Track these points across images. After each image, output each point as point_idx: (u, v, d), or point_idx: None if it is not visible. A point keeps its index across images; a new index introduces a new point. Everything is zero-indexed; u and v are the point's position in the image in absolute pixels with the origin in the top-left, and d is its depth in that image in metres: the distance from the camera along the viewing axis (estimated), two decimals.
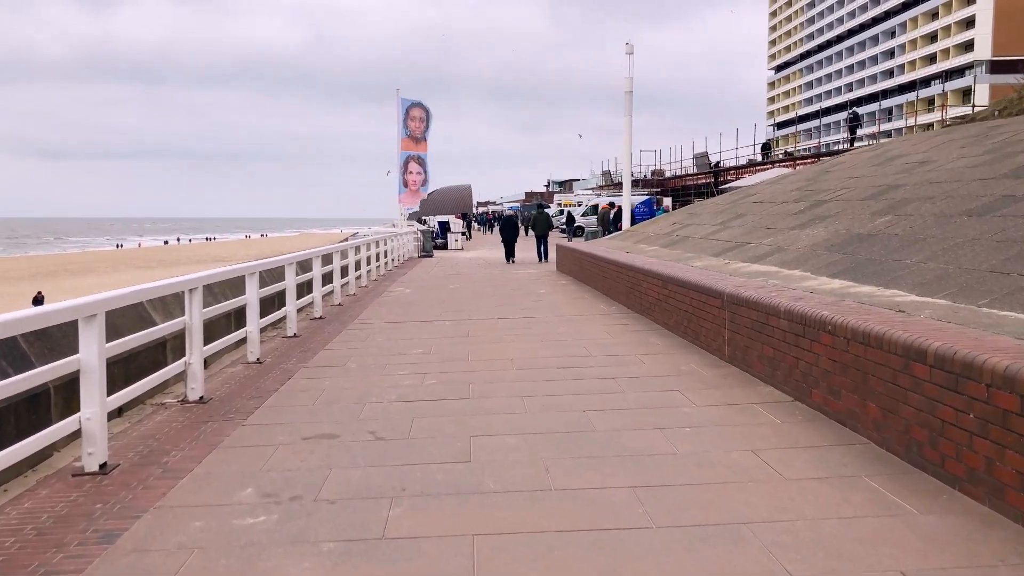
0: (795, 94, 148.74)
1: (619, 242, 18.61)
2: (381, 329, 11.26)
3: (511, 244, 28.91)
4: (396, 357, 8.97)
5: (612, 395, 6.82)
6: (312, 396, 7.10)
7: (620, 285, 13.24)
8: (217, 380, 7.94)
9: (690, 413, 6.15)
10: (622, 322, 11.25)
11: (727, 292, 7.96)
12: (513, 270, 23.01)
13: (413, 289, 17.40)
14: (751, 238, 12.18)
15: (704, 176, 55.47)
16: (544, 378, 7.59)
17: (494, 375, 7.79)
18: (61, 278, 70.64)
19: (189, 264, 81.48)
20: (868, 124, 55.98)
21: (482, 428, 5.88)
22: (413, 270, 24.02)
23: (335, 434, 5.83)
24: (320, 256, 13.01)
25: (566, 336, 10.16)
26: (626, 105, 21.13)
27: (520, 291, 16.32)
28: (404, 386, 7.41)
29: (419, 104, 32.63)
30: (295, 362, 8.86)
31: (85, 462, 5.07)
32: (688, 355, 8.56)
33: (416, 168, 32.75)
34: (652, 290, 11.04)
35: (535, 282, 18.35)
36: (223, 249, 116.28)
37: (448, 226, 42.29)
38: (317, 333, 11.04)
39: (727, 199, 18.35)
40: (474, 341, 9.95)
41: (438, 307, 13.80)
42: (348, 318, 12.58)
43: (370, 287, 18.15)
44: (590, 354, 8.84)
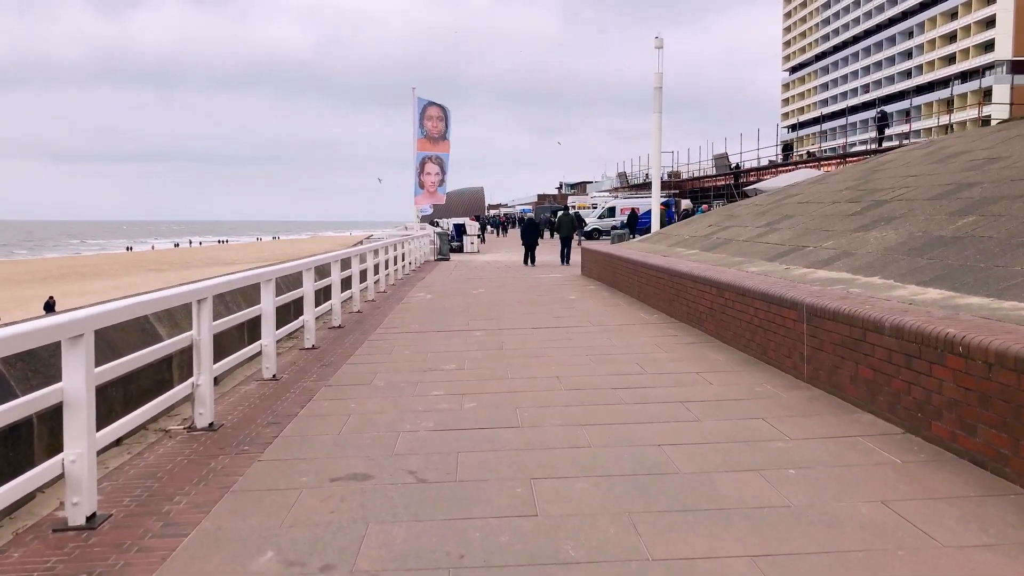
0: (810, 95, 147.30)
1: (651, 245, 17.65)
2: (406, 340, 10.35)
3: (532, 247, 28.14)
4: (427, 373, 8.05)
5: (686, 424, 5.88)
6: (337, 423, 6.18)
7: (662, 292, 12.29)
8: (229, 401, 7.04)
9: (787, 449, 5.19)
10: (669, 333, 10.30)
11: (807, 303, 7.00)
12: (535, 274, 22.09)
13: (435, 295, 16.49)
14: (807, 241, 11.21)
15: (724, 177, 54.40)
16: (600, 401, 6.65)
17: (541, 397, 6.85)
18: (72, 281, 70.30)
19: (200, 267, 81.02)
20: (897, 123, 54.78)
21: (542, 467, 4.94)
22: (431, 274, 23.13)
23: (368, 474, 4.91)
24: (339, 260, 12.12)
25: (612, 349, 9.21)
26: (655, 101, 20.17)
27: (548, 297, 15.38)
28: (441, 410, 6.49)
29: (436, 104, 31.72)
30: (315, 379, 7.95)
31: (69, 514, 4.16)
32: (758, 373, 7.60)
33: (434, 169, 31.82)
34: (704, 298, 10.09)
35: (562, 287, 17.41)
36: (235, 252, 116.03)
37: (464, 228, 41.43)
38: (337, 344, 10.14)
39: (766, 200, 17.37)
40: (511, 355, 9.02)
41: (464, 315, 12.88)
42: (369, 327, 11.67)
43: (389, 292, 17.26)
44: (645, 371, 7.89)
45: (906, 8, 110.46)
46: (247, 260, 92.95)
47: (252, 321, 8.27)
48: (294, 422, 6.24)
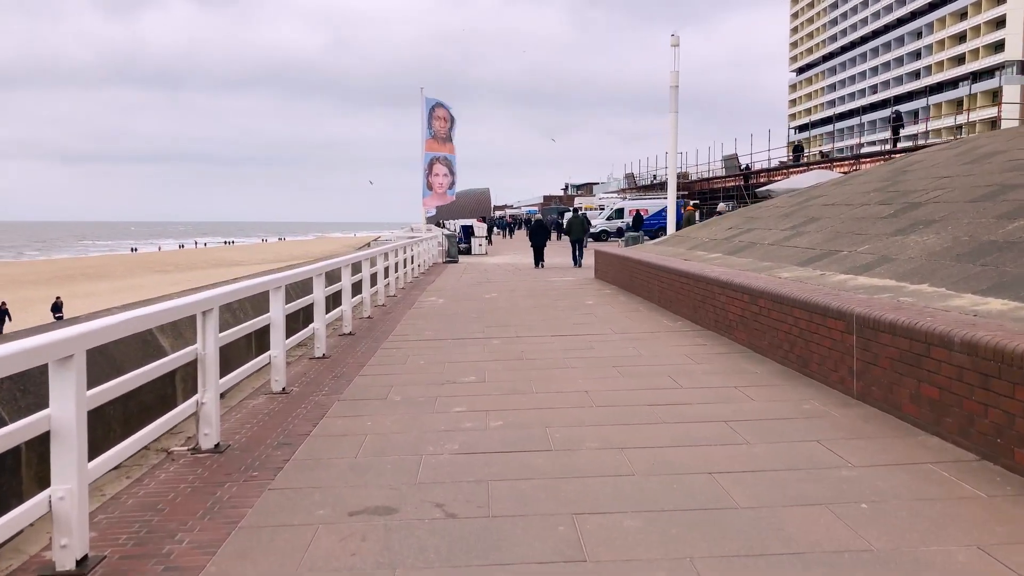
0: (817, 96, 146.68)
1: (668, 248, 17.16)
2: (420, 349, 9.87)
3: (541, 248, 27.76)
4: (446, 387, 7.56)
5: (735, 448, 5.38)
6: (353, 444, 5.70)
7: (686, 297, 11.78)
8: (236, 418, 6.56)
9: (853, 479, 4.69)
10: (698, 342, 9.80)
11: (857, 313, 6.50)
12: (547, 276, 21.59)
13: (446, 299, 16.01)
14: (840, 245, 10.70)
15: (733, 179, 53.82)
16: (636, 420, 6.16)
17: (572, 415, 6.36)
18: (78, 282, 70.13)
19: (206, 268, 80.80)
20: (906, 124, 54.15)
21: (584, 500, 4.46)
22: (440, 277, 22.66)
23: (391, 507, 4.43)
24: (349, 265, 11.64)
25: (640, 360, 8.72)
26: (671, 100, 19.67)
27: (564, 301, 14.89)
28: (465, 430, 6.00)
29: (443, 105, 31.24)
30: (327, 392, 7.47)
31: (57, 557, 3.68)
32: (801, 388, 7.10)
33: (443, 170, 31.30)
34: (734, 306, 9.59)
35: (577, 291, 16.92)
36: (240, 253, 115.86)
37: (472, 230, 40.96)
38: (349, 353, 9.66)
39: (788, 202, 16.85)
40: (533, 366, 8.53)
41: (478, 321, 12.40)
42: (381, 334, 11.20)
43: (399, 296, 16.79)
44: (679, 385, 7.39)
45: (915, 8, 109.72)
46: (252, 261, 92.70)
47: (260, 330, 7.80)
48: (307, 443, 5.75)
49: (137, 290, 55.49)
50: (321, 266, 9.65)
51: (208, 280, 60.43)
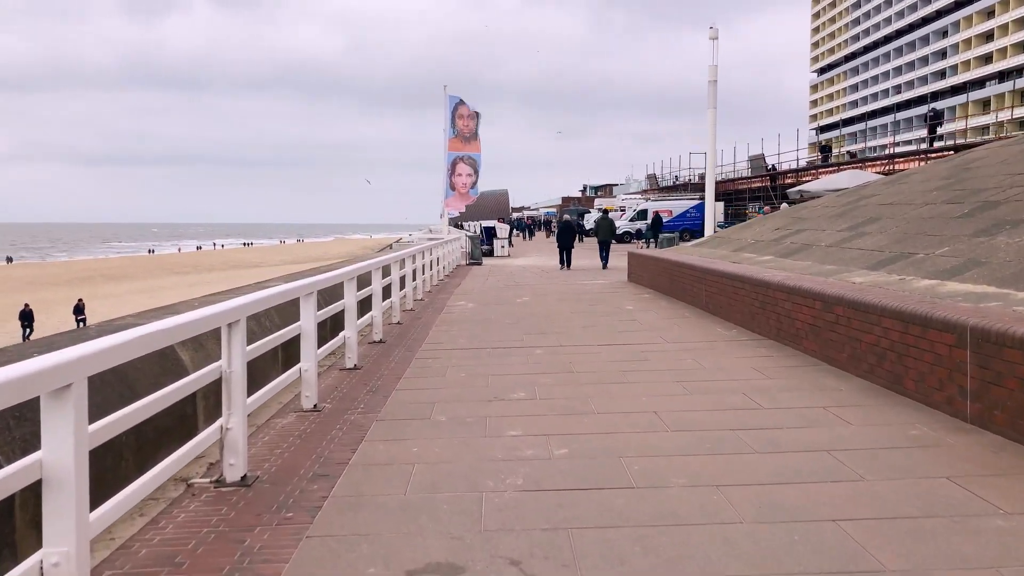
0: (839, 97, 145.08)
1: (709, 250, 16.32)
2: (458, 359, 9.11)
3: (567, 250, 27.16)
4: (494, 405, 6.79)
5: (851, 486, 4.57)
6: (400, 476, 4.93)
7: (739, 303, 10.95)
8: (264, 441, 5.82)
9: (1015, 530, 3.88)
10: (761, 353, 8.97)
11: (972, 324, 5.67)
12: (577, 279, 20.79)
13: (476, 303, 15.25)
14: (912, 247, 9.84)
15: (759, 179, 52.79)
16: (722, 449, 5.36)
17: (646, 442, 5.57)
18: (98, 284, 70.15)
19: (225, 269, 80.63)
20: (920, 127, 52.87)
21: (690, 558, 3.66)
22: (467, 280, 21.91)
23: (456, 563, 3.66)
24: (379, 268, 10.90)
25: (703, 374, 7.91)
26: (710, 96, 18.82)
27: (602, 306, 14.09)
28: (526, 459, 5.22)
29: (466, 104, 30.52)
30: (363, 410, 6.72)
31: None
32: (899, 410, 6.27)
33: (466, 170, 30.57)
34: (803, 313, 8.76)
35: (613, 295, 16.11)
36: (259, 255, 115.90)
37: (494, 232, 40.24)
38: (382, 363, 8.92)
39: (835, 202, 15.97)
40: (586, 380, 7.74)
41: (515, 327, 11.62)
42: (413, 342, 10.45)
43: (426, 301, 16.05)
44: (758, 404, 6.58)
45: (940, 7, 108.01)
46: (271, 263, 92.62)
47: (287, 339, 7.06)
48: (346, 474, 5.00)
49: (155, 291, 55.23)
50: (352, 269, 8.91)
51: (227, 282, 60.14)
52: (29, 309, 33.78)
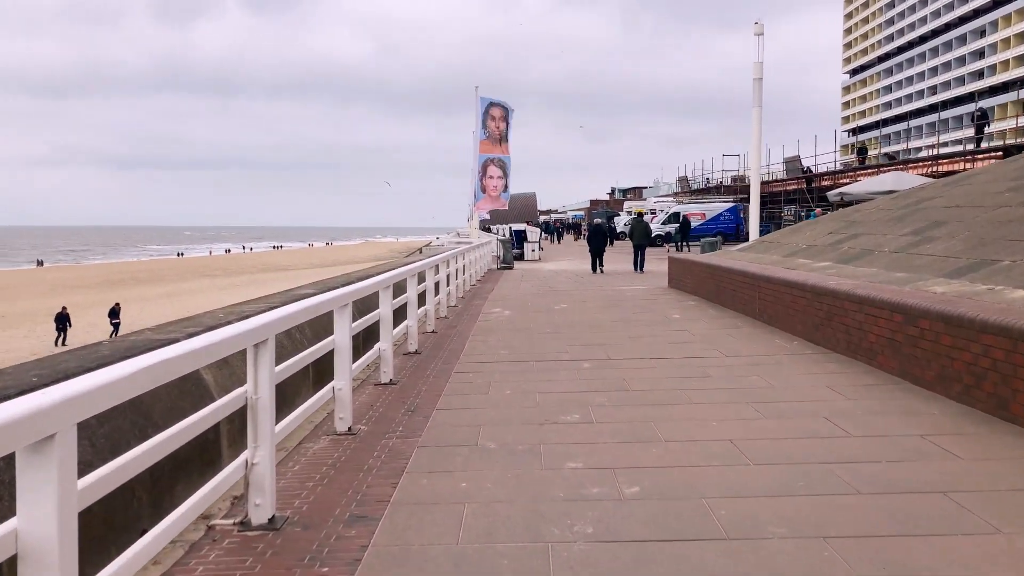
0: (872, 98, 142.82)
1: (756, 255, 15.53)
2: (501, 373, 8.46)
3: (599, 253, 26.58)
4: (547, 429, 6.13)
5: (988, 541, 3.84)
6: (450, 519, 4.29)
7: (800, 313, 10.20)
8: (293, 471, 5.21)
9: None
10: (831, 369, 8.22)
11: None
12: (614, 284, 20.08)
13: (512, 310, 14.60)
14: (995, 254, 9.03)
15: (795, 182, 51.63)
16: (821, 488, 4.64)
17: (729, 479, 4.87)
18: (129, 286, 70.59)
19: (254, 272, 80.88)
20: (954, 128, 51.42)
21: None
22: (499, 284, 21.28)
23: None
24: (416, 274, 10.29)
25: (774, 394, 7.18)
26: (755, 94, 18.03)
27: (647, 315, 13.38)
28: (593, 499, 4.55)
29: (499, 104, 29.89)
30: (403, 433, 6.09)
31: None
32: (1012, 439, 5.51)
33: (496, 172, 29.96)
34: (879, 326, 7.99)
35: (655, 302, 15.38)
36: (288, 258, 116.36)
37: (524, 235, 39.59)
38: (419, 378, 8.29)
39: (891, 204, 15.12)
40: (644, 400, 7.05)
41: (557, 338, 10.95)
42: (450, 353, 9.82)
43: (460, 307, 15.43)
44: (845, 431, 5.85)
45: (977, 6, 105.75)
46: (300, 266, 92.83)
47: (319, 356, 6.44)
48: (388, 516, 4.36)
49: (185, 294, 55.29)
50: (387, 277, 8.29)
51: (256, 285, 60.01)
52: (65, 312, 33.64)
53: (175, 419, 4.78)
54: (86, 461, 3.94)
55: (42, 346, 33.63)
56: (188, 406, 5.09)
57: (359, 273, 14.74)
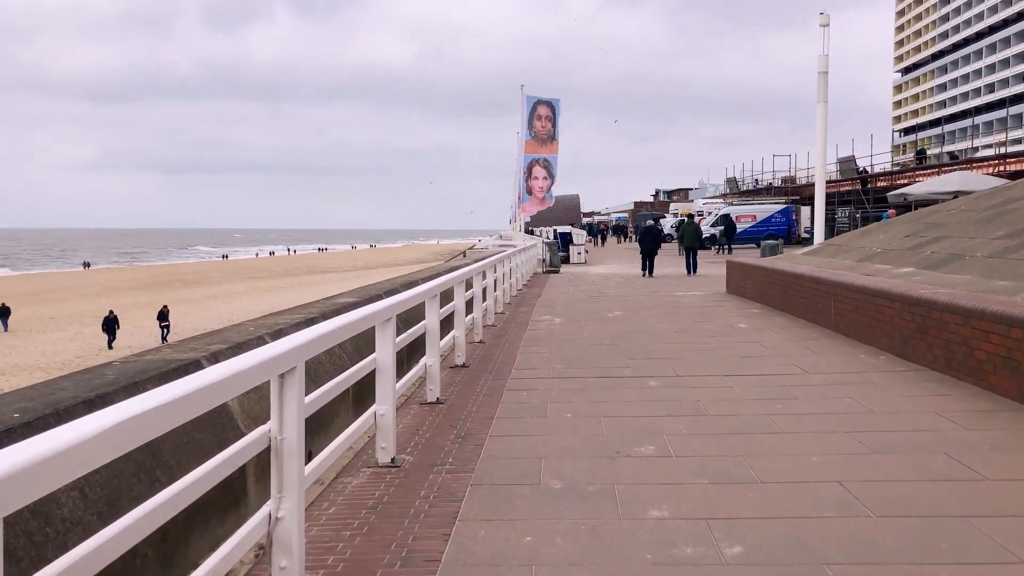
0: (925, 97, 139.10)
1: (825, 259, 14.49)
2: (558, 392, 7.66)
3: (651, 256, 25.68)
4: (619, 464, 5.30)
5: None
6: None
7: (887, 325, 9.22)
8: (328, 514, 4.47)
9: None
10: (933, 390, 7.26)
11: None
12: (669, 289, 19.14)
13: (564, 318, 13.78)
14: None
15: (849, 183, 49.92)
16: (971, 555, 3.74)
17: (850, 536, 4.00)
18: (175, 289, 71.34)
19: (299, 275, 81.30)
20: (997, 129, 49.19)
21: None
22: (546, 290, 20.48)
23: None
24: (463, 281, 9.56)
25: (875, 421, 6.26)
26: (820, 89, 16.95)
27: (708, 323, 12.46)
28: (688, 564, 3.72)
29: (547, 102, 29.07)
30: (453, 467, 5.32)
31: None
32: None
33: (542, 173, 29.14)
34: (988, 342, 7.02)
35: (716, 309, 14.44)
36: (332, 260, 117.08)
37: (570, 237, 38.70)
38: (468, 396, 7.54)
39: (974, 204, 13.98)
40: (727, 427, 6.18)
41: (615, 350, 10.12)
42: (501, 366, 9.06)
43: (507, 314, 14.67)
44: (979, 474, 4.91)
45: None
46: (343, 268, 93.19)
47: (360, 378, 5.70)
48: None
49: (229, 298, 55.51)
50: (434, 286, 7.53)
51: (299, 287, 59.96)
52: (113, 316, 33.65)
53: (190, 455, 4.07)
54: (75, 518, 3.24)
55: (87, 349, 33.72)
56: (207, 438, 4.40)
57: (402, 279, 14.07)
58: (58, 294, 68.97)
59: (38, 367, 29.14)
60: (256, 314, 44.48)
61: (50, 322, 46.29)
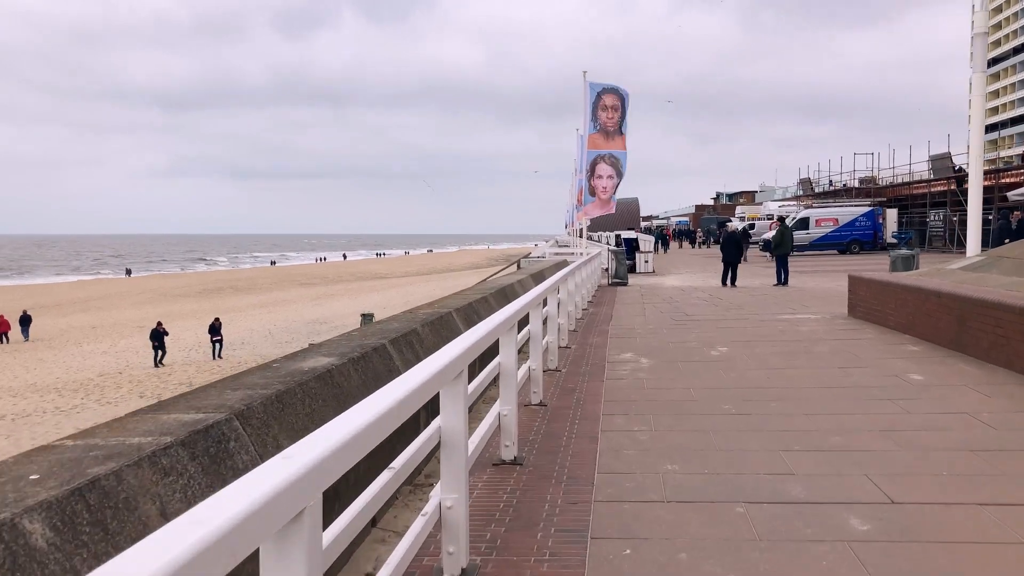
0: (1006, 93, 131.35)
1: (999, 276, 10.65)
2: (680, 530, 4.16)
3: (733, 265, 22.45)
4: None
5: None
6: None
7: None
8: None
9: None
10: None
11: None
12: (766, 308, 15.43)
13: (650, 356, 10.23)
14: None
15: (942, 182, 45.08)
16: None
17: None
18: (225, 296, 69.73)
19: (351, 281, 79.18)
20: None
21: None
22: (617, 309, 16.93)
23: None
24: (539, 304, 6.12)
25: None
26: (977, 55, 13.05)
27: (859, 370, 8.78)
28: None
29: (613, 89, 25.40)
30: None
31: None
32: None
33: (607, 171, 25.42)
34: None
35: (853, 343, 10.69)
36: (386, 266, 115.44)
37: (636, 244, 35.03)
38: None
39: None
40: None
41: (749, 424, 6.56)
42: (574, 470, 5.57)
43: (572, 350, 11.18)
44: None
45: None
46: (396, 274, 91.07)
47: None
48: None
49: (278, 306, 53.14)
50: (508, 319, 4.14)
51: (349, 295, 57.34)
52: (161, 329, 30.84)
53: None
54: None
55: (117, 365, 31.18)
56: None
57: (454, 296, 10.70)
58: (108, 301, 67.91)
59: (53, 388, 26.66)
60: (311, 320, 41.39)
61: (90, 332, 44.37)
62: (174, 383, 26.17)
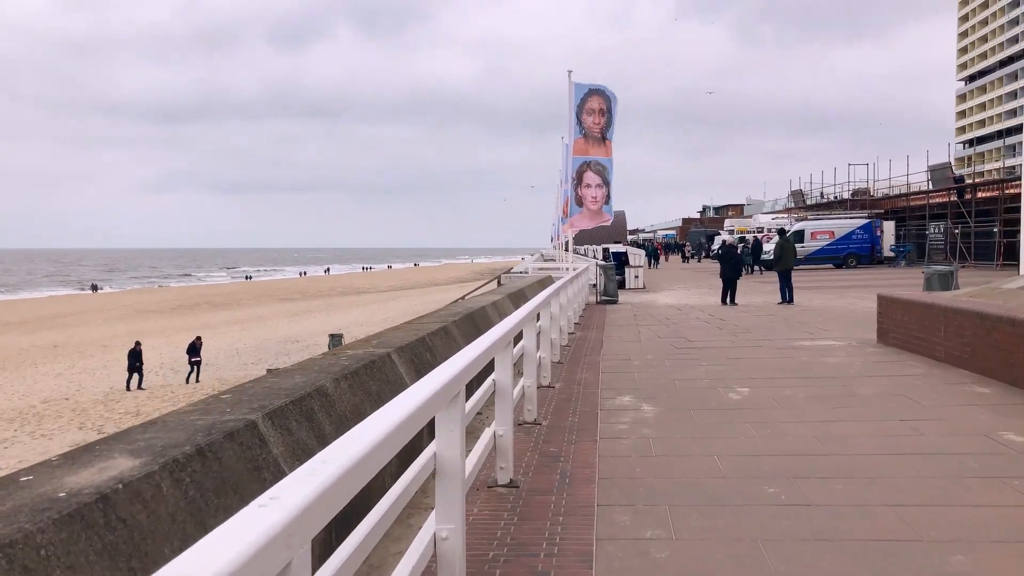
0: (992, 106, 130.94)
1: None
2: None
3: (732, 281, 20.54)
4: None
5: None
6: None
7: None
8: None
9: None
10: None
11: None
12: (779, 333, 13.40)
13: (653, 403, 8.13)
14: None
15: (942, 194, 43.40)
16: None
17: None
18: (200, 312, 67.04)
19: (331, 296, 76.69)
20: None
21: None
22: (607, 333, 14.85)
23: None
24: (507, 345, 4.06)
25: None
26: None
27: (934, 430, 6.71)
28: None
29: (600, 91, 23.42)
30: None
31: None
32: None
33: (595, 179, 23.40)
34: None
35: (895, 380, 8.66)
36: (368, 280, 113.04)
37: (626, 258, 33.02)
38: None
39: None
40: None
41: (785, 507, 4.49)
42: (568, 538, 3.47)
43: (557, 389, 9.08)
44: None
45: None
46: (378, 288, 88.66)
47: None
48: None
49: (253, 323, 50.71)
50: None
51: (326, 311, 54.92)
52: (139, 349, 27.83)
53: None
54: None
55: (68, 389, 28.72)
56: None
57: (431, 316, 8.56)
58: (79, 317, 65.14)
59: None
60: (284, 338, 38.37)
61: (51, 352, 41.82)
62: (120, 411, 23.84)
